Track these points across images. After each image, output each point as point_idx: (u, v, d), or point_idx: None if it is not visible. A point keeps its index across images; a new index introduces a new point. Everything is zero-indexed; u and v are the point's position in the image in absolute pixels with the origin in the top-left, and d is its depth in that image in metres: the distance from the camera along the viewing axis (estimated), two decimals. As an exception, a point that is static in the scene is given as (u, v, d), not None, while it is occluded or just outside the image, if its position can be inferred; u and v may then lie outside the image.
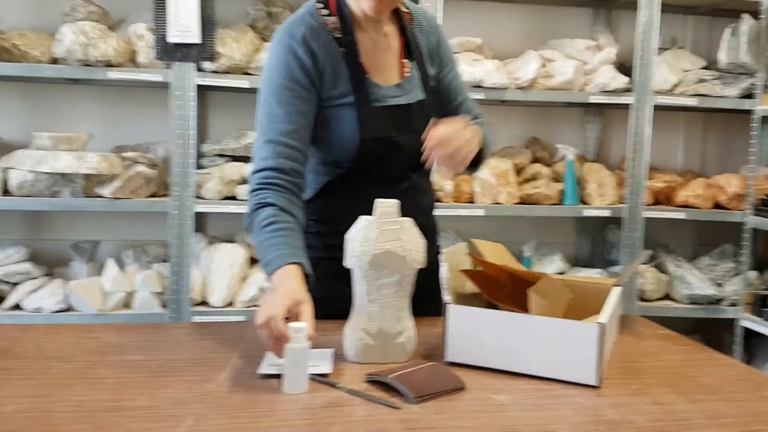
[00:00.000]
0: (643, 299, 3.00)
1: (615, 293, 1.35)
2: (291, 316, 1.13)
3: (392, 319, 1.22)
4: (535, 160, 3.06)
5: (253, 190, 1.36)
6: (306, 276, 1.26)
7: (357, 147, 1.41)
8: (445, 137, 1.30)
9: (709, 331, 3.16)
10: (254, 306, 2.63)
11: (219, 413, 0.97)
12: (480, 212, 2.80)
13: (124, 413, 0.96)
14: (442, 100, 1.58)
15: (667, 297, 3.07)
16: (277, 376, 1.10)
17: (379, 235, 1.19)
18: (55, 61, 2.55)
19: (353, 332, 1.22)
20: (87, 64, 2.47)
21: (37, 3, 2.78)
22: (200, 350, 1.24)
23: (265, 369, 1.14)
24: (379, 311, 1.22)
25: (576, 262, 3.27)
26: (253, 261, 2.80)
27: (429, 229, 1.48)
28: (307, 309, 1.16)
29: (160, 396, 1.02)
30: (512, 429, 0.97)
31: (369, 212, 1.22)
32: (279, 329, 1.08)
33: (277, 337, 1.09)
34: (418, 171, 1.52)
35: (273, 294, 1.17)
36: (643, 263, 2.99)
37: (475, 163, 1.52)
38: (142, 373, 1.11)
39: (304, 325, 1.08)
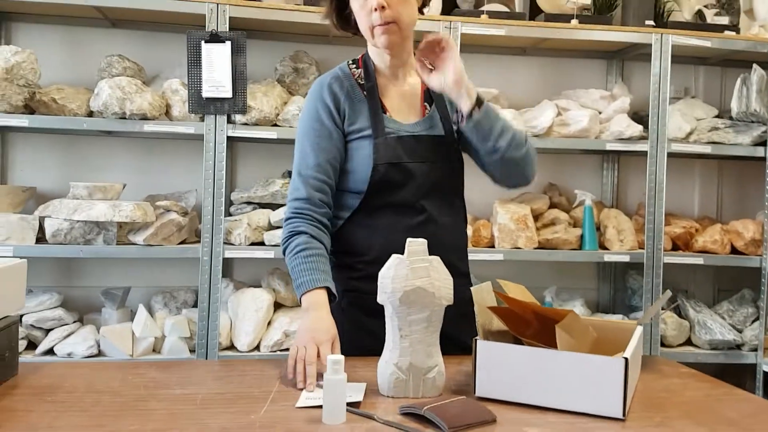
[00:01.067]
0: (664, 345, 3.01)
1: (638, 332, 1.40)
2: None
3: (423, 355, 1.28)
4: (553, 206, 3.12)
5: (288, 218, 1.56)
6: (332, 296, 1.49)
7: (371, 171, 1.56)
8: (438, 37, 1.51)
9: (730, 376, 3.15)
10: (279, 350, 2.69)
11: (264, 441, 1.03)
12: (499, 257, 2.85)
13: (177, 441, 1.02)
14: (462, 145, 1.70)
15: (688, 342, 3.08)
16: (315, 407, 1.15)
17: (409, 273, 1.26)
18: (91, 114, 2.67)
19: (386, 367, 1.28)
20: (123, 117, 2.59)
21: (74, 59, 2.93)
22: (240, 385, 1.30)
23: (303, 401, 1.20)
24: (410, 346, 1.27)
25: (597, 307, 3.30)
26: (278, 305, 2.86)
27: (455, 269, 1.53)
28: (327, 349, 1.37)
29: (208, 426, 1.08)
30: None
31: (387, 243, 1.37)
32: (310, 373, 1.28)
33: (308, 380, 1.29)
34: (434, 202, 1.61)
35: (303, 331, 1.40)
36: (664, 308, 3.01)
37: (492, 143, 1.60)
38: (188, 406, 1.17)
39: (341, 358, 1.14)
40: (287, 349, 2.68)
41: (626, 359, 1.16)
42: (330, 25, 1.67)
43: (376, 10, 1.51)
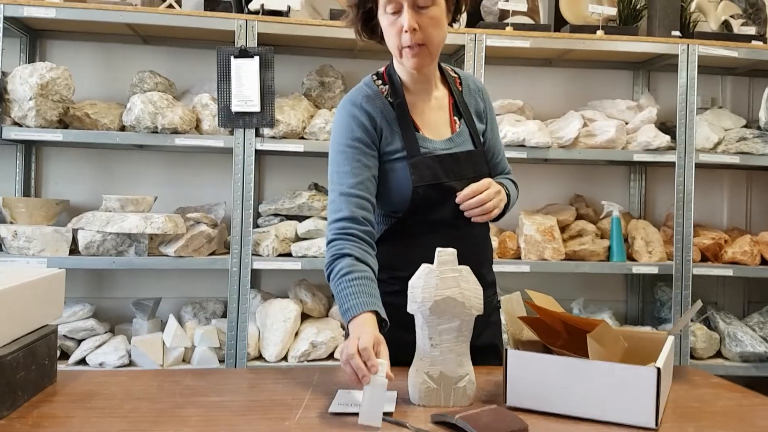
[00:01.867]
0: (694, 357, 2.98)
1: (669, 342, 1.39)
2: None
3: (453, 364, 1.29)
4: (580, 217, 3.11)
5: (331, 241, 1.47)
6: (381, 322, 1.35)
7: (410, 194, 1.53)
8: (472, 191, 1.52)
9: (761, 389, 3.09)
10: (306, 360, 2.71)
11: (299, 447, 1.05)
12: (525, 268, 2.85)
13: (214, 446, 1.04)
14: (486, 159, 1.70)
15: (718, 355, 3.04)
16: (347, 414, 1.17)
17: (439, 282, 1.27)
18: (123, 128, 2.73)
19: (416, 376, 1.29)
20: (154, 131, 2.64)
21: (106, 75, 3.00)
22: (274, 393, 1.33)
23: (335, 408, 1.22)
24: (440, 356, 1.28)
25: (626, 320, 3.28)
26: (305, 316, 2.89)
27: (485, 281, 1.55)
28: (385, 349, 1.26)
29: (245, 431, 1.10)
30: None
31: (424, 259, 1.32)
32: (371, 359, 1.18)
33: (369, 367, 1.18)
34: (468, 218, 1.59)
35: (354, 335, 1.27)
36: (693, 320, 2.98)
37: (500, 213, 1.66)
38: (225, 413, 1.20)
39: (384, 360, 1.16)
40: (315, 360, 2.71)
41: (658, 369, 1.16)
42: (354, 34, 1.64)
43: (406, 31, 1.47)
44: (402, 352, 1.41)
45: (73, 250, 2.68)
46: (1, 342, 1.19)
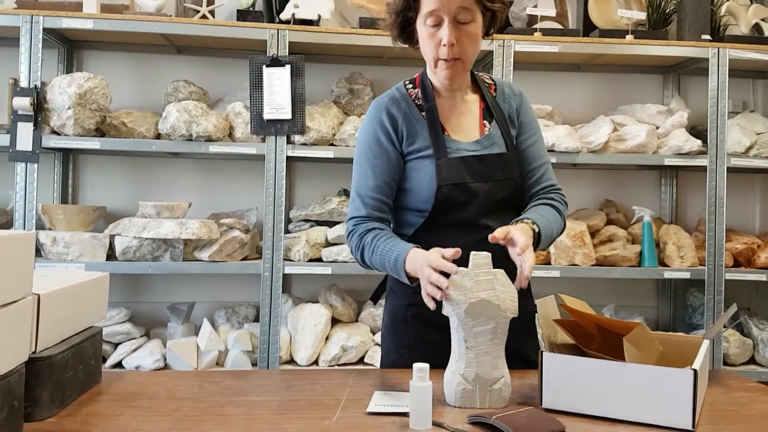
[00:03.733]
0: (727, 363, 2.95)
1: (704, 345, 1.39)
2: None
3: (489, 366, 1.30)
4: (610, 222, 3.10)
5: (351, 231, 1.61)
6: None
7: (434, 192, 1.57)
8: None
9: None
10: (337, 365, 2.74)
11: (339, 446, 1.07)
12: (556, 274, 2.84)
13: (257, 443, 1.07)
14: (519, 163, 1.70)
15: (751, 361, 3.01)
16: (385, 414, 1.19)
17: (474, 285, 1.29)
18: (158, 136, 2.79)
19: (452, 378, 1.31)
20: (189, 139, 2.69)
21: (142, 84, 3.07)
22: (312, 393, 1.35)
23: (373, 408, 1.24)
24: (475, 358, 1.30)
25: (657, 326, 3.25)
26: (335, 321, 2.91)
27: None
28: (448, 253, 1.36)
29: (286, 430, 1.13)
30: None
31: (453, 259, 1.35)
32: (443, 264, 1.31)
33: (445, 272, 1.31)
34: (497, 220, 1.60)
35: (422, 264, 1.37)
36: (726, 326, 2.95)
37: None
38: (265, 412, 1.23)
39: (426, 366, 1.18)
40: (345, 364, 2.74)
41: (695, 371, 1.17)
42: (391, 38, 1.69)
43: (445, 45, 1.53)
44: (430, 351, 1.44)
45: (110, 255, 2.74)
46: (52, 342, 1.24)
